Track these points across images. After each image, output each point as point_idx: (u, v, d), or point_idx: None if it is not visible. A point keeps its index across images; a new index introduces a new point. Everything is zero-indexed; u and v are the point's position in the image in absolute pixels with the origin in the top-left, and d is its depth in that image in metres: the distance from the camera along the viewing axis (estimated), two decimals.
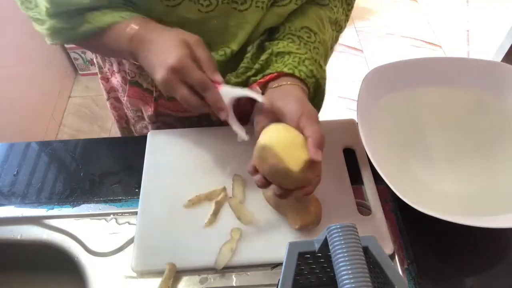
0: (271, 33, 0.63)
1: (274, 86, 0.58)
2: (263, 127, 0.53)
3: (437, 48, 2.34)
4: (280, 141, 0.50)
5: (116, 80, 0.77)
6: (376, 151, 0.59)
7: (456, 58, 0.73)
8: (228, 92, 0.54)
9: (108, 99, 0.84)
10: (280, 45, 0.60)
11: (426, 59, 0.72)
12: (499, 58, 1.92)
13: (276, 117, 0.55)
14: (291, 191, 0.52)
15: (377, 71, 0.69)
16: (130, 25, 0.54)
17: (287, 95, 0.55)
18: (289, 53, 0.59)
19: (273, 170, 0.50)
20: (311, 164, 0.50)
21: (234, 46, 0.61)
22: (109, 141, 0.75)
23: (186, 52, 0.51)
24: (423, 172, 0.66)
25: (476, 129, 0.70)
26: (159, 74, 0.51)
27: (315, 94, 0.62)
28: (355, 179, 0.65)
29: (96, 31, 0.56)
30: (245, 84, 0.62)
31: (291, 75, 0.57)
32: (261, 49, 0.63)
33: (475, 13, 2.51)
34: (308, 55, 0.59)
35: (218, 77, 0.53)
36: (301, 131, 0.51)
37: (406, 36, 2.41)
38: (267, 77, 0.59)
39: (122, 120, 0.86)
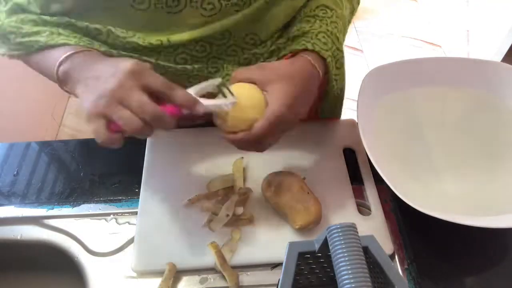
0: (285, 28, 0.62)
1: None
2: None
3: (437, 48, 2.34)
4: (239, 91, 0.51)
5: None
6: (376, 151, 0.59)
7: (456, 58, 0.73)
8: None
9: None
10: (294, 29, 0.59)
11: (426, 59, 0.72)
12: (499, 58, 1.92)
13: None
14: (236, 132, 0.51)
15: (377, 71, 0.69)
16: (71, 50, 0.51)
17: (275, 68, 0.54)
18: (303, 33, 0.58)
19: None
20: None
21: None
22: None
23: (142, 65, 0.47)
24: (423, 172, 0.66)
25: (476, 129, 0.70)
26: (112, 82, 0.44)
27: (337, 67, 0.61)
28: (355, 179, 0.65)
29: (42, 46, 0.53)
30: None
31: (305, 50, 0.56)
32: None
33: (475, 13, 2.51)
34: (323, 28, 0.58)
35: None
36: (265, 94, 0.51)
37: (406, 36, 2.40)
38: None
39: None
